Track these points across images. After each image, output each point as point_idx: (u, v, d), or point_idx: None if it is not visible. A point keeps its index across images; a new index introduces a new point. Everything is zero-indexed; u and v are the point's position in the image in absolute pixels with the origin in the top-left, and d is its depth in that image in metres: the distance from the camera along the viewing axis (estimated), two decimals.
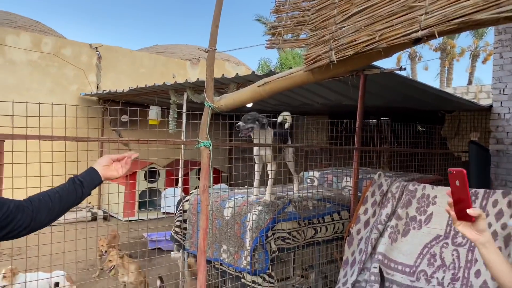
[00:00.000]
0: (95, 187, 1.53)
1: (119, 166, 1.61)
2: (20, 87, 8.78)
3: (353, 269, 3.57)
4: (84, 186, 1.48)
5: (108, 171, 1.57)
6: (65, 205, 1.43)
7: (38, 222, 1.35)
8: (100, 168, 1.55)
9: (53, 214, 1.40)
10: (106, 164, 1.57)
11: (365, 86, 4.01)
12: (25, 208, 1.31)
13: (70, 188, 1.45)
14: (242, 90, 2.65)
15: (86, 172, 1.53)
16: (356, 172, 3.96)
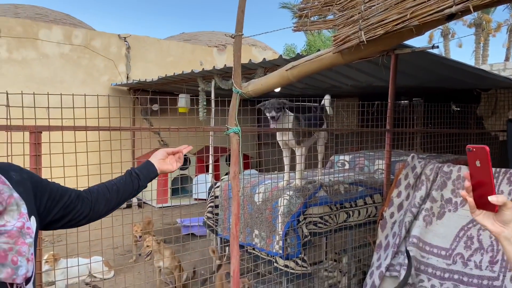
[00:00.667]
0: (151, 180, 1.57)
1: (173, 160, 1.64)
2: (54, 79, 9.04)
3: (386, 253, 3.53)
4: (141, 179, 1.52)
5: (163, 165, 1.60)
6: (122, 197, 1.47)
7: (96, 212, 1.39)
8: (156, 161, 1.58)
9: (111, 205, 1.44)
10: (162, 157, 1.60)
11: (396, 66, 3.90)
12: (84, 198, 1.36)
13: (127, 180, 1.49)
14: (269, 75, 2.62)
15: (143, 165, 1.56)
16: (388, 155, 3.89)
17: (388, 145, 3.90)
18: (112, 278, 4.73)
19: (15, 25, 8.66)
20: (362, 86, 6.88)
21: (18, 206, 1.05)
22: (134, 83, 9.16)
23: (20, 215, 1.04)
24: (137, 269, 5.06)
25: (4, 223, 1.00)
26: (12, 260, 0.99)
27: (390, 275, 3.38)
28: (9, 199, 1.03)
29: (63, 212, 1.28)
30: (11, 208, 1.03)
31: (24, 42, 8.73)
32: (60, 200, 1.27)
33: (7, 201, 1.02)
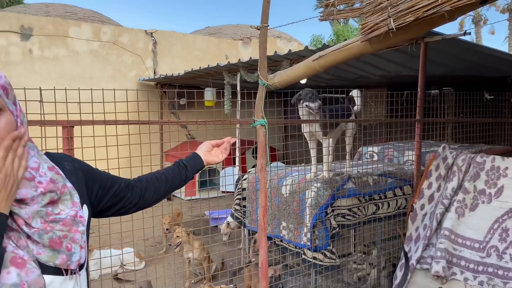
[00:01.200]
0: (198, 171, 1.59)
1: (218, 151, 1.67)
2: (83, 75, 9.26)
3: (417, 245, 3.47)
4: (188, 170, 1.55)
5: (209, 157, 1.63)
6: (170, 186, 1.50)
7: (145, 200, 1.43)
8: (202, 153, 1.61)
9: (159, 194, 1.47)
10: (207, 150, 1.63)
11: (426, 54, 3.80)
12: (134, 187, 1.39)
13: (175, 170, 1.52)
14: (296, 66, 2.60)
15: (190, 157, 1.59)
16: (418, 146, 3.80)
17: (418, 135, 3.82)
18: (143, 269, 4.84)
19: (46, 24, 8.90)
20: (390, 76, 6.75)
21: (71, 196, 1.09)
22: (161, 78, 9.28)
23: (73, 204, 1.08)
24: (167, 260, 5.16)
25: (59, 211, 1.04)
26: (67, 247, 1.03)
27: (421, 267, 3.32)
28: (63, 189, 1.07)
29: (114, 200, 1.32)
30: (65, 197, 1.07)
31: (55, 40, 8.97)
32: (110, 188, 1.31)
33: (61, 191, 1.06)
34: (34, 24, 8.75)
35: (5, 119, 0.98)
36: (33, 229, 0.99)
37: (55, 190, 1.04)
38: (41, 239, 0.99)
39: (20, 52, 8.61)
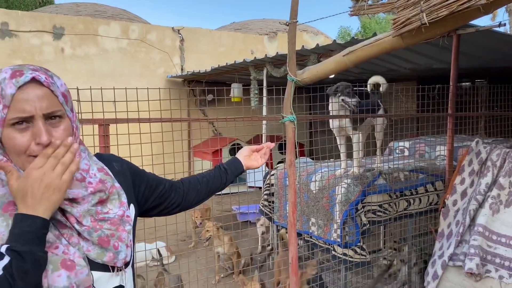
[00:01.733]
0: (238, 175, 1.64)
1: (258, 156, 1.70)
2: (113, 73, 9.46)
3: (449, 242, 3.41)
4: (228, 174, 1.60)
5: (249, 161, 1.67)
6: (211, 189, 1.56)
7: (188, 202, 1.49)
8: (242, 158, 1.66)
9: (201, 196, 1.53)
10: (247, 154, 1.67)
11: (459, 47, 3.70)
12: (177, 188, 1.45)
13: (216, 174, 1.58)
14: (326, 61, 2.58)
15: (230, 161, 1.65)
16: (450, 140, 3.72)
17: (450, 130, 3.74)
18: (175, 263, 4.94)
19: (77, 23, 9.13)
20: (421, 69, 6.61)
21: (119, 195, 1.15)
22: (188, 75, 9.38)
23: (121, 204, 1.14)
24: (197, 254, 5.24)
25: (107, 210, 1.10)
26: (114, 245, 1.08)
27: (453, 264, 3.26)
28: (111, 189, 1.12)
29: (159, 200, 1.37)
30: (113, 197, 1.13)
31: (86, 38, 9.20)
32: (156, 189, 1.36)
33: (110, 190, 1.12)
34: (66, 23, 8.99)
35: (64, 125, 1.03)
36: (83, 227, 1.04)
37: (104, 190, 1.10)
38: (90, 236, 1.04)
39: (52, 51, 8.88)
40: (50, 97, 1.01)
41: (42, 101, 0.99)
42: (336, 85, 3.44)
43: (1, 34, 8.36)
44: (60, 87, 1.05)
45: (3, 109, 0.97)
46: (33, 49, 8.68)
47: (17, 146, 0.98)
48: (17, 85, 0.97)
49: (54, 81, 1.04)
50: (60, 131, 1.02)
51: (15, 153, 1.00)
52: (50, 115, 1.01)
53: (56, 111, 1.02)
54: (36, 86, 0.99)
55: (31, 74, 0.99)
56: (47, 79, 1.01)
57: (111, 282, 1.10)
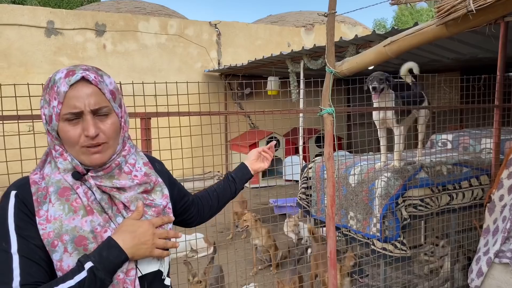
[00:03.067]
0: (247, 181, 1.69)
1: (265, 157, 1.76)
2: (153, 68, 9.67)
3: (495, 238, 3.28)
4: (237, 182, 1.66)
5: (256, 164, 1.72)
6: (221, 201, 1.63)
7: (201, 217, 1.57)
8: (249, 162, 1.71)
9: (213, 210, 1.61)
10: (254, 158, 1.72)
11: (507, 35, 3.53)
12: (197, 204, 1.54)
13: (225, 185, 1.64)
14: (365, 52, 2.53)
15: (238, 168, 1.70)
16: (497, 133, 3.56)
17: (497, 122, 3.58)
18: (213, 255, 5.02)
19: (118, 20, 9.38)
20: (464, 59, 6.35)
21: (162, 189, 1.25)
22: (225, 69, 9.45)
23: (164, 196, 1.24)
24: (234, 246, 5.30)
25: (152, 199, 1.20)
26: None
27: (499, 261, 3.13)
28: (156, 181, 1.23)
29: (181, 210, 1.46)
30: (157, 189, 1.23)
31: (126, 35, 9.44)
32: (182, 198, 1.45)
33: (154, 182, 1.22)
34: (107, 20, 9.26)
35: (111, 120, 1.13)
36: (130, 212, 1.15)
37: (148, 182, 1.21)
38: None
39: (95, 48, 9.17)
40: (97, 94, 1.10)
41: (90, 98, 1.08)
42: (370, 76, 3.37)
43: (47, 33, 8.72)
44: (108, 85, 1.14)
45: (58, 105, 1.07)
46: (77, 46, 9.01)
47: (70, 138, 1.09)
48: (69, 83, 1.07)
49: (103, 80, 1.13)
50: (108, 125, 1.12)
51: (70, 144, 1.10)
52: (98, 111, 1.10)
53: (103, 107, 1.11)
54: (85, 84, 1.09)
55: (82, 73, 1.08)
56: (95, 78, 1.10)
57: (151, 266, 1.19)
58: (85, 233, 1.06)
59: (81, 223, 1.06)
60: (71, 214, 1.06)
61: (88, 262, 1.01)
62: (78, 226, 1.06)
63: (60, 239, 1.04)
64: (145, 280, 1.16)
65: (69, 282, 0.99)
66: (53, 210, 1.06)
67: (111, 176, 1.14)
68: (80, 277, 0.99)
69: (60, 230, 1.04)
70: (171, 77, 9.60)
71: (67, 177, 1.10)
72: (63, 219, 1.05)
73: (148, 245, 1.10)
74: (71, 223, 1.06)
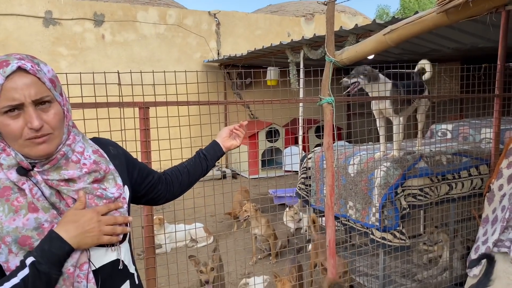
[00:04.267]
0: (219, 158, 1.68)
1: (235, 135, 1.74)
2: (151, 58, 9.63)
3: (494, 227, 3.29)
4: (208, 159, 1.64)
5: (228, 141, 1.71)
6: (192, 178, 1.61)
7: (171, 193, 1.55)
8: (220, 140, 1.70)
9: (183, 187, 1.59)
10: (226, 135, 1.71)
11: (508, 23, 3.50)
12: (164, 180, 1.52)
13: (196, 162, 1.62)
14: (365, 41, 2.51)
15: (210, 146, 1.69)
16: (497, 122, 3.56)
17: (497, 111, 3.57)
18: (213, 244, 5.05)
19: (117, 10, 9.31)
20: (465, 48, 6.31)
21: (114, 177, 1.21)
22: (224, 59, 9.40)
23: (117, 186, 1.21)
24: (234, 235, 5.32)
25: (105, 187, 1.17)
26: None
27: (498, 251, 3.15)
28: (106, 169, 1.19)
29: (147, 190, 1.44)
30: (109, 177, 1.20)
31: (125, 25, 9.38)
32: (146, 177, 1.43)
33: (105, 171, 1.19)
34: (106, 10, 9.20)
35: (54, 110, 1.09)
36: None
37: (98, 170, 1.16)
38: None
39: (94, 38, 9.12)
40: (37, 84, 1.05)
41: (30, 88, 1.03)
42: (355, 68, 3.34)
43: (46, 23, 8.67)
44: (47, 73, 1.09)
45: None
46: (76, 36, 8.96)
47: (12, 132, 1.04)
48: (5, 75, 1.01)
49: (41, 68, 1.08)
50: (51, 115, 1.08)
51: (11, 139, 1.05)
52: (39, 101, 1.05)
53: (44, 97, 1.06)
54: (23, 74, 1.03)
55: (17, 63, 1.02)
56: (33, 67, 1.05)
57: (107, 257, 1.17)
58: (28, 232, 1.03)
59: (22, 222, 1.03)
60: (12, 215, 1.03)
61: (29, 258, 0.99)
62: (19, 226, 1.03)
63: (2, 241, 1.02)
64: (100, 273, 1.14)
65: (13, 280, 0.97)
66: None
67: (58, 168, 1.10)
68: (23, 273, 0.98)
69: (1, 232, 1.02)
70: (170, 67, 9.56)
71: (10, 174, 1.05)
72: (3, 221, 1.02)
73: (94, 233, 1.07)
74: (11, 224, 1.02)
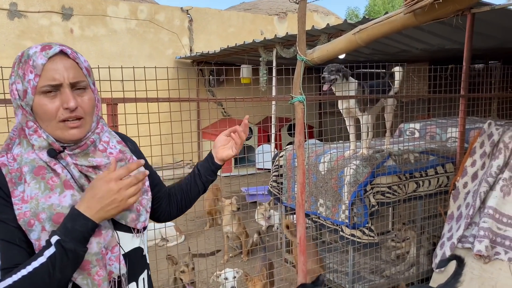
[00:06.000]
0: (214, 173, 1.50)
1: (233, 142, 1.50)
2: (122, 54, 9.43)
3: (459, 224, 3.40)
4: (202, 175, 1.48)
5: (223, 152, 1.48)
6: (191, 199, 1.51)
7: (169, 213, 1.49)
8: (216, 151, 1.49)
9: (182, 209, 1.52)
10: (221, 144, 1.49)
11: (473, 26, 3.61)
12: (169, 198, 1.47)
13: (192, 181, 1.49)
14: (336, 40, 2.54)
15: (205, 158, 1.51)
16: (462, 122, 3.67)
17: (462, 111, 3.68)
18: (184, 242, 5.00)
19: (86, 3, 9.07)
20: (433, 49, 6.49)
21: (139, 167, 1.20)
22: (197, 56, 9.32)
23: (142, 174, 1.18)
24: (206, 234, 5.29)
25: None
26: (136, 209, 1.19)
27: (462, 246, 3.25)
28: (131, 159, 1.23)
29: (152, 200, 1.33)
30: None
31: (94, 19, 9.15)
32: (155, 187, 1.37)
33: (129, 160, 1.22)
34: (74, 3, 8.95)
35: (88, 96, 1.13)
36: None
37: (124, 159, 1.20)
38: None
39: (61, 32, 8.86)
40: (76, 68, 1.10)
41: (69, 71, 1.08)
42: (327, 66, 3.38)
43: (10, 15, 8.35)
44: (83, 62, 1.14)
45: (34, 78, 1.05)
46: (42, 30, 8.67)
47: (48, 112, 1.07)
48: (47, 56, 1.06)
49: (78, 56, 1.13)
50: (86, 101, 1.11)
51: (46, 119, 1.08)
52: (76, 84, 1.10)
53: (81, 81, 1.11)
54: (64, 57, 1.09)
55: (59, 47, 1.09)
56: (72, 53, 1.11)
57: (132, 243, 1.20)
58: (63, 209, 1.04)
59: (59, 200, 1.05)
60: (47, 192, 1.04)
61: (54, 236, 0.98)
62: (55, 203, 1.04)
63: (36, 218, 1.02)
64: (127, 258, 1.16)
65: (40, 259, 0.97)
66: (29, 189, 1.04)
67: (86, 154, 1.13)
68: (49, 252, 0.97)
69: (37, 208, 1.02)
70: (141, 64, 9.39)
71: (42, 155, 1.07)
72: (39, 198, 1.03)
73: (115, 204, 1.04)
74: (47, 201, 1.04)
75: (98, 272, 1.06)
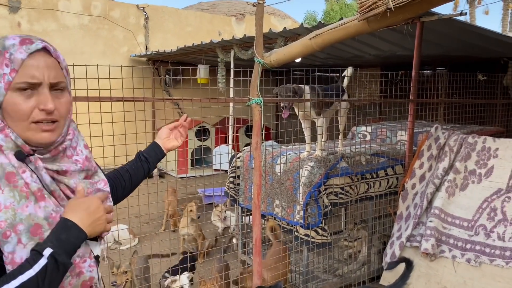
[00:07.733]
0: (159, 160, 1.60)
1: (178, 134, 1.65)
2: (74, 51, 9.09)
3: (407, 224, 3.54)
4: (149, 162, 1.56)
5: (169, 143, 1.61)
6: (134, 182, 1.54)
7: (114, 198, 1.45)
8: (161, 141, 1.61)
9: (126, 191, 1.52)
10: (166, 136, 1.62)
11: (422, 34, 3.79)
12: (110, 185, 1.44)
13: (137, 165, 1.54)
14: (292, 44, 2.58)
15: (150, 147, 1.60)
16: (411, 126, 3.83)
17: (411, 115, 3.84)
18: (138, 245, 4.89)
19: None
20: (385, 55, 6.73)
21: (99, 173, 1.22)
22: (153, 54, 9.15)
23: (104, 182, 1.20)
24: (160, 236, 5.20)
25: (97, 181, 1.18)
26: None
27: (410, 245, 3.39)
28: (96, 167, 1.21)
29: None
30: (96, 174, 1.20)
31: (44, 13, 8.77)
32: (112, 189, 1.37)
33: (95, 168, 1.20)
34: None
35: (65, 98, 1.08)
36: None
37: (90, 168, 1.17)
38: None
39: (8, 26, 8.41)
40: (57, 68, 1.05)
41: (51, 70, 1.03)
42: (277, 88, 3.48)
43: None
44: (63, 61, 1.10)
45: (11, 72, 0.98)
46: None
47: (20, 111, 0.99)
48: (28, 51, 0.99)
49: (59, 55, 1.09)
50: (62, 103, 1.06)
51: (17, 119, 1.00)
52: (56, 85, 1.04)
53: (61, 82, 1.06)
54: (46, 55, 1.03)
55: (42, 43, 1.03)
56: (55, 51, 1.06)
57: (95, 251, 1.16)
58: (40, 220, 0.98)
59: (35, 209, 0.98)
60: (24, 201, 0.97)
61: (47, 249, 0.92)
62: (32, 213, 0.97)
63: (13, 229, 0.94)
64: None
65: (29, 273, 0.90)
66: (3, 197, 0.95)
67: (55, 159, 1.08)
68: (39, 265, 0.91)
69: (14, 220, 0.95)
70: (94, 61, 9.05)
71: (10, 158, 0.99)
72: (16, 208, 0.96)
73: (102, 221, 1.05)
74: (24, 212, 0.96)
75: (70, 282, 1.04)
